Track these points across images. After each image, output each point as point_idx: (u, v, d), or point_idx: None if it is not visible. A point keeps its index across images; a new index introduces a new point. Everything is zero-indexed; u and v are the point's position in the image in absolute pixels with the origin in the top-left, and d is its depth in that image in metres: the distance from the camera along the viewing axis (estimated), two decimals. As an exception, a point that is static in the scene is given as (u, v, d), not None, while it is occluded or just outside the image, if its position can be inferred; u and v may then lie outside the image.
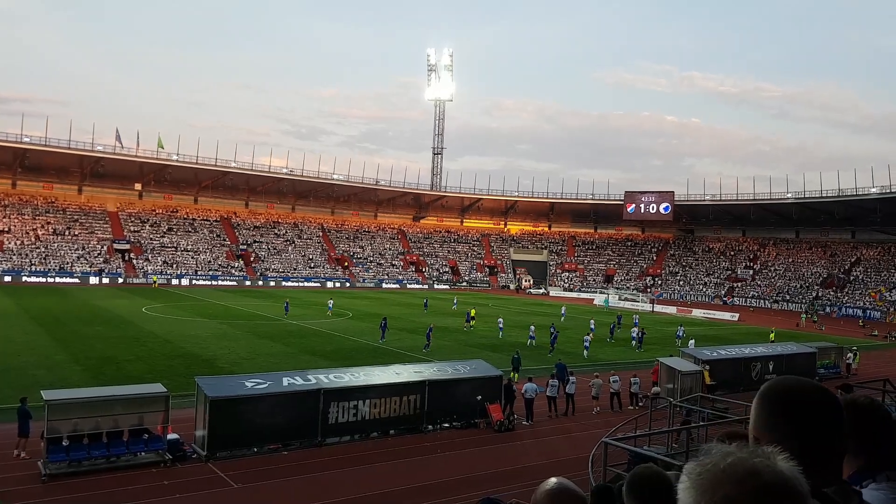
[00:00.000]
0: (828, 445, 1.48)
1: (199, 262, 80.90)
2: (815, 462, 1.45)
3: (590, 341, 36.87)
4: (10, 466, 15.36)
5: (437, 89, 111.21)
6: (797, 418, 1.50)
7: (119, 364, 27.13)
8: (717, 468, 1.23)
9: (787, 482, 1.21)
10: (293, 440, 17.98)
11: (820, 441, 1.48)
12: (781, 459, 1.27)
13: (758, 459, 1.23)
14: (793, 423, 1.50)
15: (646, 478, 2.36)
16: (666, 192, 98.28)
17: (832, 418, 1.51)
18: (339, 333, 39.41)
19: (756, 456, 1.24)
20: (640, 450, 13.55)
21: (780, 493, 1.20)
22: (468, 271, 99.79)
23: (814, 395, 1.53)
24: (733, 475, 1.21)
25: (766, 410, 1.54)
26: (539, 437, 20.59)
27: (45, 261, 71.56)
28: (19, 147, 75.20)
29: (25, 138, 75.67)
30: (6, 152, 75.93)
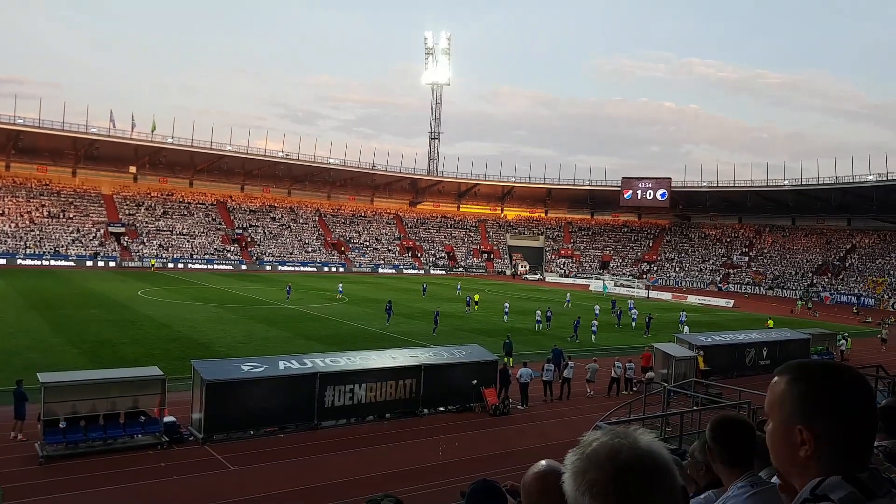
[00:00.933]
0: (865, 428, 1.46)
1: (194, 246, 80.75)
2: (854, 447, 1.44)
3: (597, 326, 37.32)
4: (8, 448, 15.40)
5: (434, 73, 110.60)
6: (840, 401, 1.46)
7: (115, 347, 27.15)
8: (583, 455, 1.29)
9: (645, 458, 1.26)
10: (289, 423, 18.06)
11: (859, 424, 1.46)
12: (642, 435, 1.31)
13: (617, 440, 1.29)
14: (837, 407, 1.45)
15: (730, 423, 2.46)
16: (663, 179, 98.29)
17: (870, 400, 1.48)
18: (335, 318, 39.48)
19: (616, 437, 1.29)
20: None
21: (639, 470, 1.25)
22: (464, 257, 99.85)
23: (852, 376, 1.50)
24: (595, 460, 1.27)
25: (807, 394, 1.48)
26: (534, 421, 20.73)
27: (39, 244, 71.33)
28: (12, 129, 74.57)
29: (19, 120, 75.09)
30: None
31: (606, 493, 1.24)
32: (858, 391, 1.47)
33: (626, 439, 1.28)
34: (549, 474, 1.96)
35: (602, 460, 1.26)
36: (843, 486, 1.39)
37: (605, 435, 1.31)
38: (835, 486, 1.39)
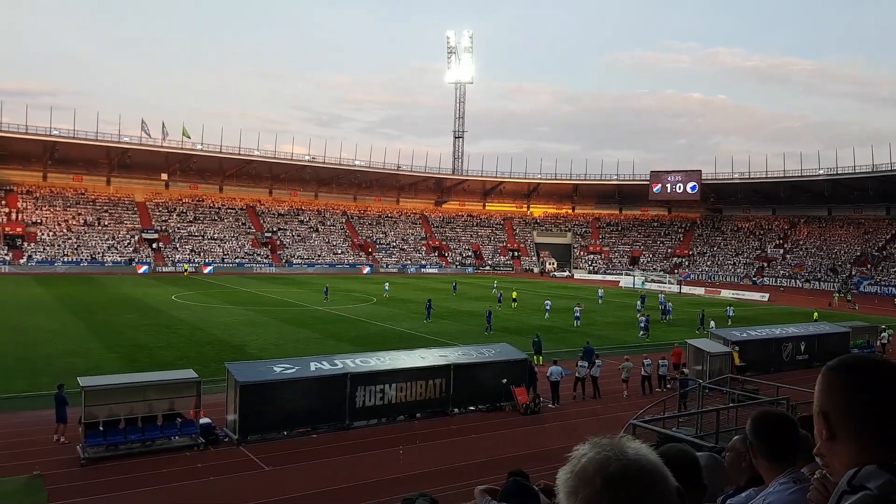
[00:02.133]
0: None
1: (225, 250, 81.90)
2: (886, 435, 1.45)
3: (645, 322, 37.18)
4: (52, 451, 15.81)
5: (457, 72, 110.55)
6: (877, 393, 1.47)
7: (151, 351, 27.67)
8: (573, 472, 1.28)
9: (630, 468, 1.24)
10: (322, 423, 18.24)
11: (889, 412, 1.46)
12: (629, 443, 1.30)
13: (604, 454, 1.27)
14: (862, 393, 1.48)
15: (771, 417, 2.41)
16: (693, 172, 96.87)
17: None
18: (364, 319, 39.72)
19: (603, 450, 1.27)
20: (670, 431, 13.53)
21: (627, 481, 1.23)
22: (491, 255, 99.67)
23: (880, 365, 1.52)
24: (584, 476, 1.25)
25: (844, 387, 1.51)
26: (565, 420, 20.62)
27: (76, 251, 73.00)
28: (48, 140, 76.56)
29: (54, 131, 77.04)
30: (36, 145, 77.34)
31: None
32: (887, 378, 1.47)
33: (613, 451, 1.27)
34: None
35: (591, 476, 1.24)
36: (880, 474, 1.38)
37: (593, 449, 1.29)
38: (871, 475, 1.38)
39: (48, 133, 76.45)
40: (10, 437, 16.66)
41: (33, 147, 77.62)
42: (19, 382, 21.81)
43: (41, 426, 17.13)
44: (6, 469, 14.33)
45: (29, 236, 72.70)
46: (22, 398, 20.09)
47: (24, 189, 79.23)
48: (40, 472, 14.05)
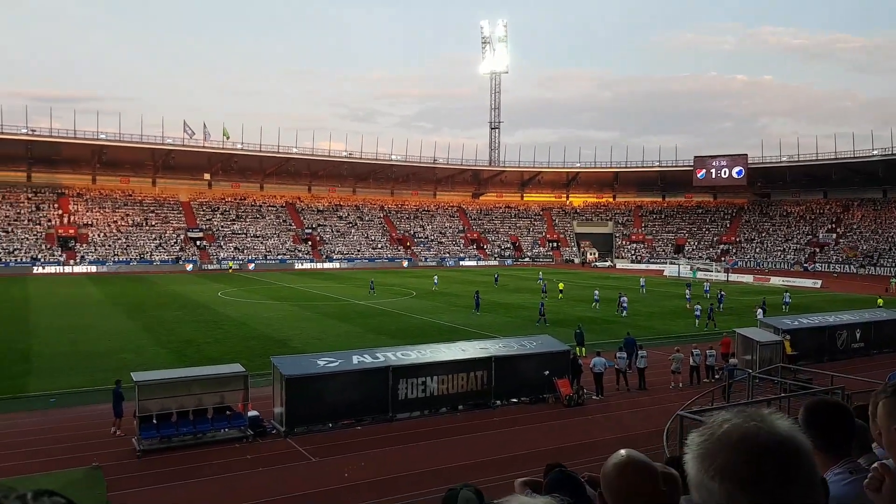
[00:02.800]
0: None
1: (267, 247, 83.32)
2: None
3: (701, 311, 36.81)
4: (109, 443, 16.40)
5: (491, 62, 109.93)
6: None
7: (199, 346, 28.38)
8: (713, 437, 1.24)
9: (781, 443, 1.21)
10: (365, 416, 18.49)
11: None
12: (779, 420, 1.25)
13: (752, 423, 1.23)
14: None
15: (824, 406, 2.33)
16: (739, 156, 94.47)
17: None
18: (404, 312, 39.99)
19: (751, 419, 1.23)
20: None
21: (779, 456, 1.19)
22: (530, 246, 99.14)
23: None
24: (728, 442, 1.21)
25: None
26: (609, 412, 20.45)
27: (126, 251, 75.20)
28: (96, 144, 78.96)
29: (101, 135, 79.40)
30: (85, 149, 79.81)
31: (741, 478, 1.18)
32: None
33: (763, 423, 1.22)
34: (630, 464, 1.90)
35: (734, 442, 1.20)
36: None
37: (737, 417, 1.25)
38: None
39: (96, 137, 78.82)
40: (70, 430, 17.32)
41: (82, 151, 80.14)
42: (77, 378, 22.63)
43: (98, 420, 17.77)
44: (67, 461, 14.92)
45: (81, 238, 75.17)
46: (80, 393, 20.84)
47: (74, 192, 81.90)
48: (99, 464, 14.59)
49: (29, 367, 24.29)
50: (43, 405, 19.67)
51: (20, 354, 26.33)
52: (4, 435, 16.88)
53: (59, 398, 20.37)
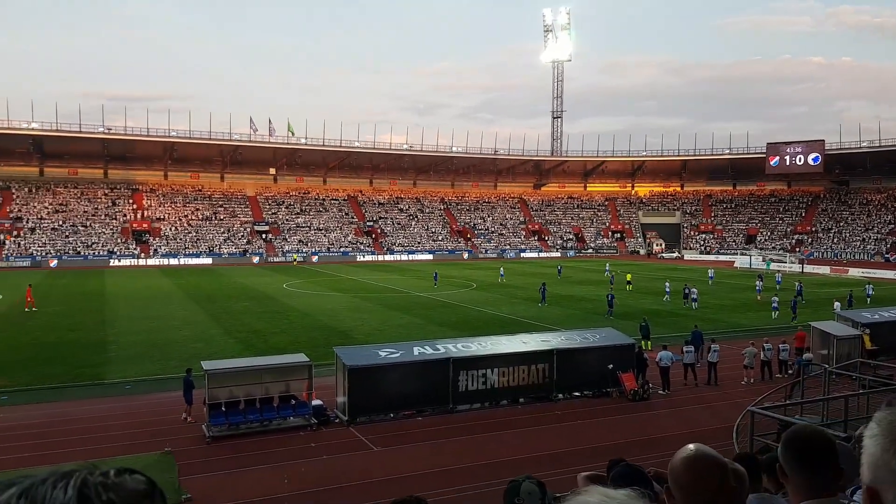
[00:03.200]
0: None
1: (330, 240, 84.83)
2: None
3: (778, 302, 35.91)
4: (180, 429, 17.02)
5: (554, 51, 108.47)
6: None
7: (266, 336, 29.11)
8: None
9: None
10: (426, 407, 18.55)
11: None
12: None
13: None
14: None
15: (806, 436, 2.17)
16: (815, 142, 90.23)
17: None
18: (464, 304, 39.97)
19: None
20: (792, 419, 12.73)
21: None
22: (594, 237, 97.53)
23: None
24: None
25: None
26: (676, 407, 19.89)
27: (196, 244, 77.95)
28: (168, 141, 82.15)
29: (173, 132, 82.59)
30: (157, 146, 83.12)
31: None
32: None
33: None
34: (698, 458, 1.85)
35: None
36: None
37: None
38: None
39: (167, 135, 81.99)
40: (143, 416, 18.06)
41: (155, 148, 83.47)
42: (151, 366, 23.58)
43: (170, 407, 18.45)
44: (141, 446, 15.53)
45: (154, 231, 78.35)
46: (153, 381, 21.71)
47: (148, 187, 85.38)
48: (171, 449, 15.12)
49: (106, 355, 25.43)
50: (119, 392, 20.55)
51: (98, 343, 27.62)
52: (83, 420, 17.73)
53: (134, 385, 21.27)
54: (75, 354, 25.38)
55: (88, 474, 0.85)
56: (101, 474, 0.86)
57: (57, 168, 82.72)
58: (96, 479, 0.85)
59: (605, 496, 1.06)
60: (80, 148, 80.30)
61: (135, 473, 0.90)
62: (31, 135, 76.71)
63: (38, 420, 17.59)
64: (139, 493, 0.88)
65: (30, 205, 77.06)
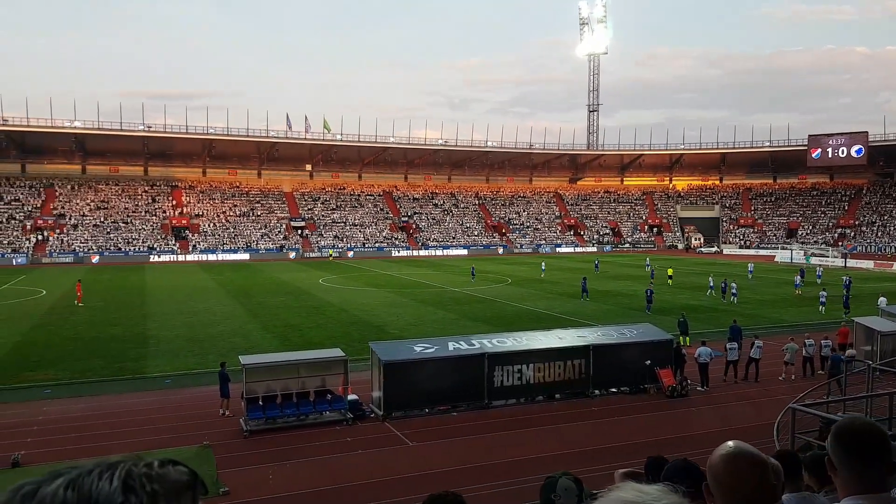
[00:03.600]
0: None
1: (365, 235, 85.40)
2: None
3: (826, 297, 35.39)
4: (218, 423, 17.30)
5: (590, 44, 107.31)
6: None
7: (302, 331, 29.44)
8: None
9: None
10: (461, 402, 18.53)
11: None
12: None
13: None
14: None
15: (857, 429, 2.10)
16: (858, 133, 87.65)
17: None
18: (499, 299, 39.85)
19: None
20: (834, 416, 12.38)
21: None
22: (630, 232, 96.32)
23: None
24: None
25: None
26: (716, 404, 19.53)
27: (234, 239, 79.24)
28: (206, 138, 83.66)
29: (211, 130, 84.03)
30: (196, 144, 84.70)
31: None
32: None
33: None
34: (738, 455, 1.83)
35: None
36: None
37: None
38: None
39: (206, 132, 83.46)
40: (182, 410, 18.42)
41: (193, 145, 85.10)
42: (190, 360, 24.04)
43: (209, 401, 18.75)
44: (180, 439, 15.84)
45: (192, 227, 79.87)
46: (192, 375, 22.12)
47: (187, 184, 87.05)
48: (209, 443, 15.39)
49: (146, 349, 25.99)
50: (158, 386, 20.98)
51: (138, 338, 28.24)
52: (123, 413, 18.12)
53: (174, 379, 21.69)
54: (116, 349, 25.99)
55: (133, 465, 0.88)
56: (144, 465, 0.89)
57: (98, 166, 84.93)
58: (140, 471, 0.88)
59: (639, 491, 1.05)
60: (120, 146, 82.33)
61: (178, 465, 0.92)
62: (73, 133, 78.85)
63: (81, 413, 18.03)
64: (182, 483, 0.90)
65: (72, 202, 79.24)
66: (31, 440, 15.78)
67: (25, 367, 22.99)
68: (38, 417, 17.59)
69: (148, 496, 0.85)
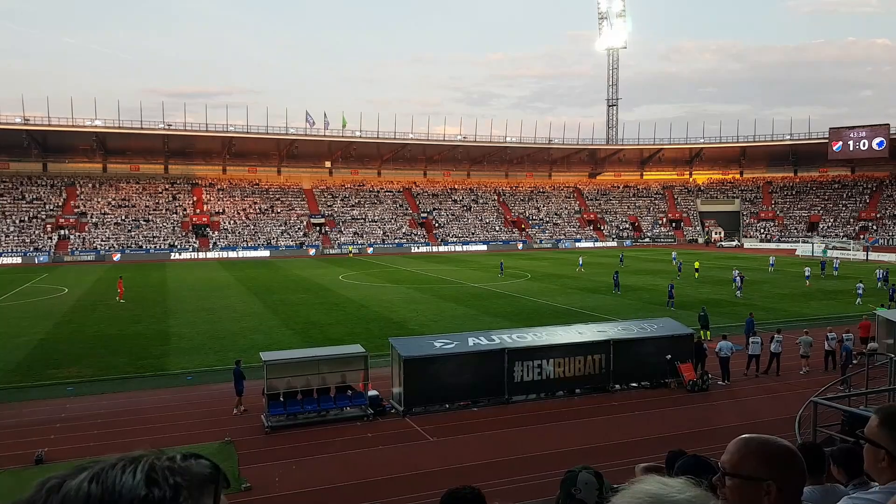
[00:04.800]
0: None
1: (385, 231, 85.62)
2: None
3: (863, 289, 35.73)
4: (240, 419, 17.46)
5: (609, 38, 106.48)
6: None
7: (322, 328, 29.61)
8: None
9: None
10: (481, 397, 18.55)
11: None
12: None
13: None
14: None
15: None
16: (880, 126, 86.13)
17: None
18: (519, 295, 39.78)
19: None
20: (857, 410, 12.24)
21: None
22: (650, 226, 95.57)
23: None
24: None
25: None
26: (737, 398, 19.38)
27: (254, 237, 79.84)
28: (226, 136, 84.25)
29: (231, 128, 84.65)
30: (216, 141, 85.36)
31: None
32: None
33: None
34: (747, 444, 1.86)
35: None
36: None
37: None
38: None
39: (225, 130, 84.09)
40: (204, 406, 18.61)
41: (213, 143, 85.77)
42: (212, 357, 24.28)
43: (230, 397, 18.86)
44: (202, 435, 16.02)
45: (213, 225, 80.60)
46: (214, 371, 22.31)
47: (207, 182, 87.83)
48: (231, 439, 15.56)
49: (168, 346, 26.29)
50: (180, 383, 21.20)
51: (160, 335, 28.57)
52: (146, 409, 18.35)
53: (195, 376, 21.90)
54: (138, 346, 26.31)
55: (156, 459, 0.90)
56: (167, 459, 0.90)
57: (119, 164, 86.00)
58: (163, 464, 0.89)
59: (662, 484, 1.07)
60: (141, 144, 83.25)
61: (200, 458, 0.93)
62: (94, 132, 79.73)
63: (104, 410, 18.26)
64: (204, 476, 0.91)
65: (93, 200, 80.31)
66: (54, 437, 16.05)
67: (49, 364, 23.36)
68: (61, 415, 17.87)
69: (171, 489, 0.86)
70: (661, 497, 1.03)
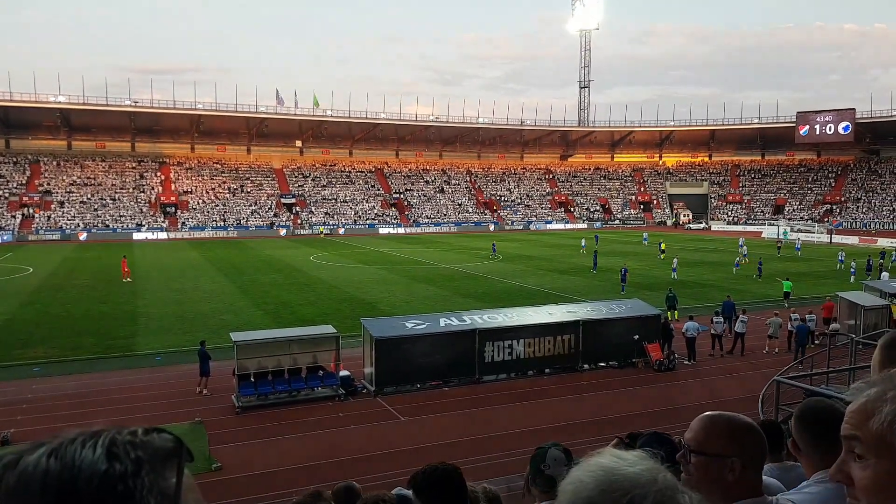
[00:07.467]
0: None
1: (356, 212, 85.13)
2: None
3: (856, 269, 37.57)
4: (210, 399, 17.37)
5: (581, 19, 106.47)
6: None
7: (293, 308, 29.48)
8: None
9: None
10: (452, 377, 18.71)
11: None
12: None
13: None
14: None
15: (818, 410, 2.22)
16: (846, 111, 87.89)
17: None
18: (491, 276, 40.00)
19: None
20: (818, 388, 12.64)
21: None
22: (620, 209, 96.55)
23: None
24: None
25: None
26: (702, 377, 19.84)
27: (223, 217, 78.77)
28: (194, 113, 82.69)
29: (199, 105, 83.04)
30: (184, 119, 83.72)
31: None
32: None
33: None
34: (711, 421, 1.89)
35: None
36: None
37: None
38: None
39: (194, 107, 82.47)
40: (173, 387, 18.47)
41: (181, 121, 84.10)
42: (181, 338, 24.02)
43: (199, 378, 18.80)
44: (172, 416, 15.90)
45: (181, 204, 79.30)
46: (183, 352, 22.03)
47: (175, 160, 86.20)
48: (201, 419, 15.49)
49: (136, 327, 25.95)
50: (149, 364, 20.99)
51: (128, 315, 28.17)
52: (115, 390, 18.14)
53: (165, 357, 21.70)
54: (106, 326, 25.92)
55: (116, 433, 0.87)
56: (129, 433, 0.88)
57: (85, 141, 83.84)
58: (124, 438, 0.86)
59: (616, 457, 1.08)
60: (107, 121, 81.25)
61: (163, 432, 0.91)
62: (58, 108, 77.63)
63: (71, 391, 18.04)
64: (167, 451, 0.89)
65: (58, 178, 78.34)
66: (21, 418, 15.79)
67: (15, 345, 22.91)
68: (27, 395, 17.58)
69: (132, 463, 0.84)
70: (612, 469, 1.05)
